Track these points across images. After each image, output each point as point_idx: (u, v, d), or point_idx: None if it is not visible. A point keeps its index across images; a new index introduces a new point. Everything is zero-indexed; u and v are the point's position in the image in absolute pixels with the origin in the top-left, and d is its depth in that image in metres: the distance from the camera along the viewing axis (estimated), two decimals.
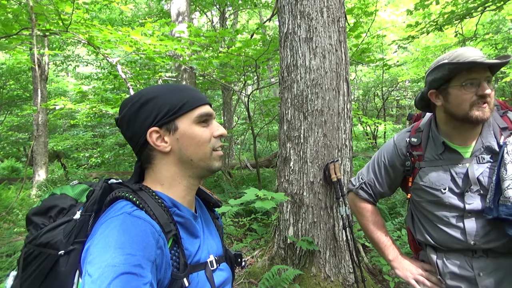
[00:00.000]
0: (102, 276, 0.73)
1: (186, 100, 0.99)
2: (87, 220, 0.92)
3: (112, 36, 4.28)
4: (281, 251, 3.62)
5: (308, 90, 3.43)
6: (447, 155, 1.51)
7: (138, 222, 0.84)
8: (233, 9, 12.56)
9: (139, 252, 0.78)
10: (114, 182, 0.99)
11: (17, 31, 4.24)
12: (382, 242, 1.69)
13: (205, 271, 0.98)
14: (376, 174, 1.72)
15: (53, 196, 1.03)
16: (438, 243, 1.53)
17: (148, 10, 14.94)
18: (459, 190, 1.47)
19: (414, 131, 1.64)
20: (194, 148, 0.99)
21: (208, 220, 1.13)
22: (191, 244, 0.97)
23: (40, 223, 0.96)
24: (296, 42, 3.48)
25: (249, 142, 13.49)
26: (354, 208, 1.80)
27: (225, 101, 11.89)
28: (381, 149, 1.75)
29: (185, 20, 6.90)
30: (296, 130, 3.49)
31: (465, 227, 1.46)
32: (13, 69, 11.28)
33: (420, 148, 1.58)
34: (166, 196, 0.97)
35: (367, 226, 1.74)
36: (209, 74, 6.46)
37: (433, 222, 1.54)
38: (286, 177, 3.57)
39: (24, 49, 7.28)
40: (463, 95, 1.41)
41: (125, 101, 1.02)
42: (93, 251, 0.79)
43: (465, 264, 1.48)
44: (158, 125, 0.96)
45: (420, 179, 1.55)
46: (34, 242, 0.91)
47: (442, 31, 6.58)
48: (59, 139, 12.64)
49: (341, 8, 3.56)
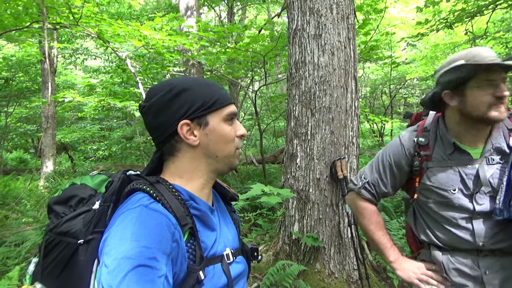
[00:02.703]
0: (118, 268, 0.74)
1: (218, 97, 1.00)
2: (106, 211, 0.94)
3: (122, 30, 4.30)
4: (286, 246, 3.64)
5: (316, 87, 3.43)
6: (456, 155, 1.51)
7: (155, 214, 0.85)
8: (241, 4, 12.53)
9: (154, 245, 0.79)
10: (132, 174, 0.99)
11: (27, 24, 4.27)
12: (383, 243, 1.67)
13: (221, 264, 0.99)
14: (380, 173, 1.68)
15: (73, 186, 1.05)
16: (445, 244, 1.53)
17: (156, 4, 14.95)
18: (469, 191, 1.47)
19: (420, 130, 1.61)
20: (221, 145, 1.00)
21: (225, 213, 1.14)
22: (208, 237, 0.98)
23: (60, 212, 0.98)
24: (305, 38, 3.47)
25: (255, 138, 13.49)
26: (354, 208, 1.77)
27: (232, 96, 11.91)
28: (385, 148, 1.71)
29: (194, 14, 6.91)
30: (304, 127, 3.49)
31: (474, 229, 1.46)
32: (23, 62, 11.36)
33: (428, 148, 1.56)
34: (183, 189, 0.98)
35: (368, 227, 1.71)
36: (217, 70, 6.47)
37: (440, 223, 1.53)
38: (292, 173, 3.58)
39: (34, 42, 7.34)
40: (481, 96, 1.41)
41: (154, 89, 1.01)
42: (110, 242, 0.80)
43: (471, 263, 1.49)
44: (190, 118, 0.97)
45: (428, 179, 1.54)
46: (54, 230, 0.94)
47: (452, 29, 6.53)
48: (66, 131, 12.73)
49: (350, 4, 3.54)
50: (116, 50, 4.58)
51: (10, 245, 4.53)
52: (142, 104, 1.02)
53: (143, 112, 1.02)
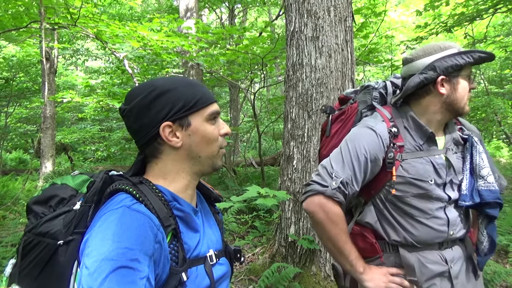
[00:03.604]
0: (99, 269, 0.73)
1: (200, 97, 0.99)
2: (87, 211, 0.92)
3: (120, 31, 4.31)
4: (282, 249, 3.63)
5: (313, 89, 3.43)
6: (426, 146, 1.49)
7: (137, 215, 0.84)
8: (242, 6, 12.56)
9: (137, 246, 0.78)
10: (115, 174, 0.98)
11: (26, 24, 4.28)
12: (353, 253, 1.46)
13: (204, 265, 0.98)
14: (354, 170, 1.43)
15: (53, 186, 1.03)
16: (417, 240, 1.47)
17: (157, 5, 14.99)
18: (441, 180, 1.47)
19: (388, 121, 1.51)
20: (204, 146, 1.00)
21: (209, 215, 1.13)
22: (191, 238, 0.97)
23: (40, 212, 0.96)
24: (302, 40, 3.47)
25: (255, 140, 13.50)
26: (323, 216, 1.42)
27: (232, 98, 11.92)
28: (355, 141, 1.48)
29: (194, 16, 6.92)
30: (300, 129, 3.49)
31: (448, 218, 1.48)
32: (23, 62, 11.38)
33: (400, 139, 1.48)
34: (166, 190, 0.97)
35: (339, 237, 1.44)
36: (216, 71, 6.48)
37: (415, 217, 1.47)
38: (289, 175, 3.57)
39: (34, 42, 7.35)
40: (466, 88, 1.46)
41: (134, 91, 0.99)
42: (91, 243, 0.79)
43: (439, 259, 1.48)
44: (172, 119, 0.96)
45: (406, 171, 1.45)
46: (33, 231, 0.92)
47: (452, 33, 6.53)
48: (66, 132, 12.74)
49: (348, 7, 3.54)
50: (114, 50, 4.59)
51: (6, 245, 4.53)
52: (122, 107, 1.00)
53: (124, 115, 1.00)
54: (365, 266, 1.48)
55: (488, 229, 1.51)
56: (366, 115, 1.60)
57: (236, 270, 3.93)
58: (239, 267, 3.97)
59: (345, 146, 1.49)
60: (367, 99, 1.62)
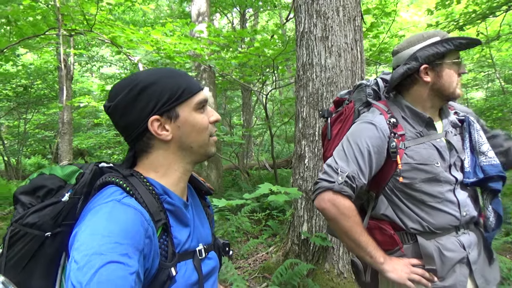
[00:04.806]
0: (89, 264, 0.73)
1: (185, 87, 0.96)
2: (76, 203, 0.91)
3: (134, 36, 4.43)
4: (295, 247, 3.66)
5: (324, 89, 3.47)
6: (425, 131, 1.54)
7: (127, 210, 0.83)
8: (253, 10, 12.66)
9: (127, 241, 0.77)
10: (105, 166, 0.97)
11: (44, 31, 4.43)
12: (371, 244, 1.49)
13: (193, 260, 0.97)
14: (359, 163, 1.47)
15: (41, 176, 0.98)
16: (434, 226, 1.50)
17: (170, 12, 15.22)
18: (446, 163, 1.51)
19: (385, 113, 1.56)
20: (195, 136, 0.98)
21: (199, 208, 1.12)
22: (181, 232, 0.96)
23: (27, 202, 0.92)
24: (312, 41, 3.52)
25: (268, 143, 13.54)
26: (335, 211, 1.46)
27: (244, 101, 12.00)
28: (356, 136, 1.53)
29: (205, 20, 7.03)
30: (311, 128, 3.53)
31: (458, 199, 1.51)
32: (41, 69, 11.69)
33: (400, 128, 1.53)
34: (157, 183, 0.95)
35: (354, 229, 1.47)
36: (228, 74, 6.56)
37: (428, 203, 1.50)
38: (300, 174, 3.62)
39: (52, 49, 7.56)
40: (453, 74, 1.51)
41: (117, 87, 0.96)
42: (81, 237, 0.78)
43: (457, 246, 1.50)
44: (159, 113, 0.94)
45: (411, 158, 1.49)
46: (20, 221, 0.89)
47: (464, 31, 6.48)
48: (83, 137, 13.00)
49: (357, 7, 3.58)
50: (128, 54, 4.71)
51: None
52: (106, 104, 0.97)
53: (109, 112, 0.97)
54: (386, 257, 1.50)
55: (493, 204, 1.54)
56: (364, 111, 1.65)
57: (250, 268, 3.99)
58: (253, 265, 4.02)
59: (347, 142, 1.53)
60: (361, 97, 1.68)
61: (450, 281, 1.49)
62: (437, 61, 1.50)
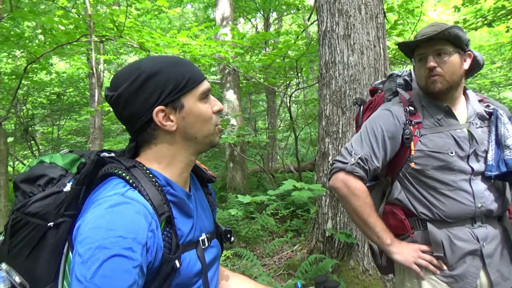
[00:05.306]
0: (93, 257, 0.73)
1: (189, 76, 0.95)
2: (78, 194, 0.90)
3: (161, 40, 4.60)
4: (320, 244, 3.68)
5: (346, 86, 3.49)
6: (445, 120, 1.57)
7: (132, 203, 0.82)
8: (277, 14, 12.75)
9: (130, 235, 0.77)
10: (106, 155, 0.95)
11: (77, 39, 4.66)
12: (379, 226, 1.55)
13: (196, 249, 0.97)
14: (372, 147, 1.57)
15: (42, 164, 0.97)
16: (445, 215, 1.51)
17: (195, 19, 15.53)
18: (464, 153, 1.52)
19: (405, 101, 1.63)
20: (200, 126, 0.97)
21: (201, 197, 1.12)
22: (184, 224, 0.95)
23: (28, 191, 0.91)
24: (334, 39, 3.56)
25: (293, 147, 13.54)
26: (346, 191, 1.56)
27: (269, 105, 12.07)
28: (372, 121, 1.63)
29: (229, 24, 7.17)
30: (335, 126, 3.56)
31: (473, 190, 1.51)
32: (72, 77, 12.18)
33: (417, 116, 1.58)
34: (160, 174, 0.94)
35: (363, 209, 1.55)
36: (253, 77, 6.65)
37: (439, 190, 1.53)
38: (324, 171, 3.64)
39: (83, 57, 7.89)
40: (418, 70, 1.59)
41: (120, 77, 0.93)
42: (84, 231, 0.78)
43: (470, 237, 1.51)
44: (164, 103, 0.92)
45: (425, 146, 1.53)
46: (22, 210, 0.88)
47: (493, 27, 6.33)
48: (113, 142, 13.40)
49: (379, 4, 3.59)
50: None
51: None
52: (108, 94, 0.94)
53: (111, 102, 0.94)
54: (394, 239, 1.56)
55: None
56: (389, 100, 1.73)
57: (275, 265, 4.03)
58: (278, 263, 4.06)
59: (364, 128, 1.64)
60: (392, 86, 1.77)
61: (459, 270, 1.51)
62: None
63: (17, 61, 11.89)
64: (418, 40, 1.53)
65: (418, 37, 1.54)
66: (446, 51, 1.50)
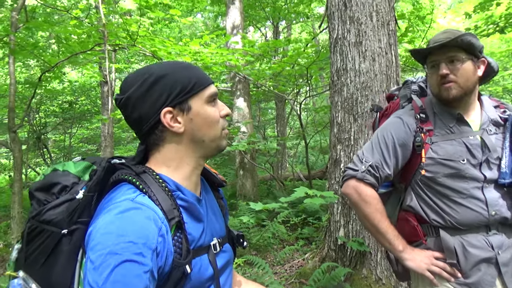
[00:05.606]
0: (104, 263, 0.75)
1: (196, 80, 0.97)
2: (90, 201, 0.91)
3: (173, 48, 4.65)
4: (332, 252, 3.65)
5: (358, 93, 3.48)
6: (457, 128, 1.56)
7: (141, 208, 0.83)
8: (286, 23, 12.82)
9: (140, 240, 0.78)
10: (117, 162, 0.96)
11: (91, 47, 4.74)
12: (391, 232, 1.56)
13: (208, 254, 0.97)
14: (383, 154, 1.59)
15: (55, 172, 0.99)
16: (457, 222, 1.50)
17: (205, 27, 15.70)
18: (476, 161, 1.51)
19: (417, 108, 1.63)
20: (207, 128, 0.98)
21: (212, 201, 1.12)
22: (195, 228, 0.96)
23: (43, 199, 0.93)
24: (346, 46, 3.56)
25: (302, 155, 13.52)
26: (357, 197, 1.59)
27: (278, 113, 12.09)
28: (383, 129, 1.65)
29: (240, 32, 7.23)
30: (346, 133, 3.55)
31: (486, 198, 1.49)
32: (84, 86, 12.36)
33: (429, 123, 1.59)
34: (170, 179, 0.95)
35: (373, 215, 1.56)
36: (263, 84, 6.68)
37: (451, 197, 1.52)
38: (336, 179, 3.62)
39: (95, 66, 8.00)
40: (430, 77, 1.58)
41: (129, 80, 0.96)
42: (95, 237, 0.79)
43: (484, 244, 1.49)
44: (172, 105, 0.93)
45: (435, 153, 1.53)
46: (37, 218, 0.91)
47: (504, 33, 6.28)
48: (123, 150, 13.54)
49: (390, 11, 3.59)
50: None
51: None
52: (118, 97, 0.96)
53: (120, 105, 0.97)
54: (406, 246, 1.55)
55: None
56: (404, 107, 1.74)
57: (287, 273, 4.00)
58: (289, 271, 4.03)
59: (375, 136, 1.67)
60: (407, 93, 1.77)
61: (474, 278, 1.49)
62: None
63: (31, 70, 12.11)
64: (430, 47, 1.53)
65: (430, 44, 1.54)
66: (459, 58, 1.50)
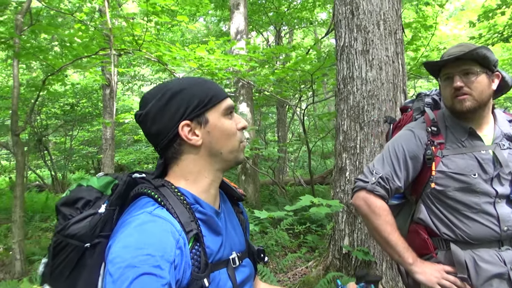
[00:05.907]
0: (122, 276, 0.75)
1: (213, 93, 0.99)
2: (112, 214, 0.93)
3: (178, 54, 4.65)
4: (336, 261, 3.63)
5: (365, 101, 3.47)
6: (469, 142, 1.55)
7: (159, 221, 0.84)
8: (288, 28, 12.85)
9: (158, 253, 0.79)
10: (138, 176, 0.98)
11: (95, 52, 4.73)
12: (401, 244, 1.54)
13: (227, 268, 0.97)
14: (394, 166, 1.59)
15: (80, 187, 1.02)
16: (469, 237, 1.49)
17: (207, 31, 15.72)
18: (488, 176, 1.49)
19: (429, 121, 1.62)
20: (225, 141, 0.99)
21: (232, 215, 1.12)
22: (213, 242, 0.96)
23: (68, 214, 0.96)
24: (353, 54, 3.55)
25: (303, 159, 13.51)
26: (367, 209, 1.59)
27: (279, 118, 12.09)
28: (394, 142, 1.66)
29: (244, 38, 7.23)
30: (352, 141, 3.53)
31: (498, 213, 1.48)
32: (86, 88, 12.35)
33: (440, 137, 1.58)
34: (188, 192, 0.96)
35: (383, 227, 1.56)
36: (266, 90, 6.68)
37: (462, 212, 1.50)
38: (341, 187, 3.60)
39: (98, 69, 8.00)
40: (444, 89, 1.58)
41: (148, 96, 0.99)
42: (114, 250, 0.80)
43: (496, 259, 1.47)
44: (189, 118, 0.95)
45: (446, 167, 1.52)
46: (62, 232, 0.93)
47: (509, 42, 6.29)
48: (124, 153, 13.52)
49: (398, 20, 3.59)
50: (174, 71, 4.93)
51: None
52: (138, 113, 1.00)
53: (140, 120, 0.99)
54: (416, 259, 1.54)
55: None
56: (416, 119, 1.73)
57: (290, 282, 3.97)
58: (292, 279, 4.00)
59: (386, 148, 1.67)
60: (420, 106, 1.77)
61: None
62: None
63: (33, 72, 12.10)
64: (445, 60, 1.52)
65: (445, 57, 1.53)
66: (473, 71, 1.49)
